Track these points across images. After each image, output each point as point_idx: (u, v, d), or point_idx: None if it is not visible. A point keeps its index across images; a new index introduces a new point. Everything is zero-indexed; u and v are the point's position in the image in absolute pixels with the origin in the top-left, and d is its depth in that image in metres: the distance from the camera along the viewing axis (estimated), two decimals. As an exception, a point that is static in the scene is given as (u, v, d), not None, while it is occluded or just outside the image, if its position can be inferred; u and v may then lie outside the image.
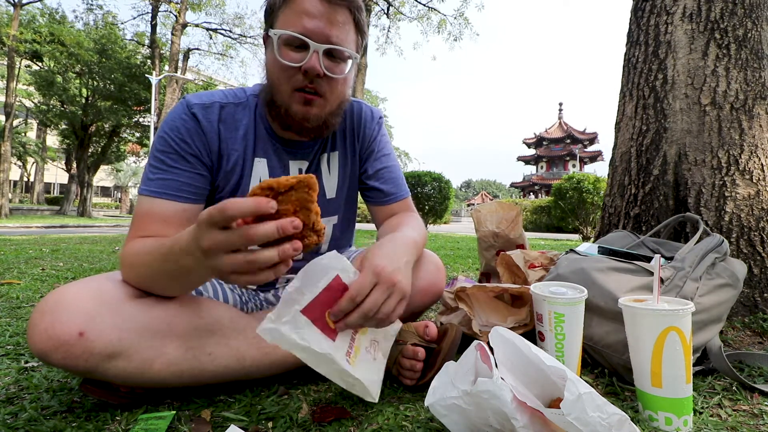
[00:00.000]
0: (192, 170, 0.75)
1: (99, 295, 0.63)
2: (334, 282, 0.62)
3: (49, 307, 0.60)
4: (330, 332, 0.61)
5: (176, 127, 0.75)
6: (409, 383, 0.80)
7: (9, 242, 4.17)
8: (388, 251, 0.68)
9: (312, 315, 0.59)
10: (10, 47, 13.77)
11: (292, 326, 0.57)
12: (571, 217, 8.14)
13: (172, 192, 0.73)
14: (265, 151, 0.82)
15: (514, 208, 1.55)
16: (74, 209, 18.71)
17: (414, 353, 0.79)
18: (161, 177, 0.74)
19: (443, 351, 0.80)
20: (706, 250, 0.92)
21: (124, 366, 0.62)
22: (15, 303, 1.50)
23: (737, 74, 1.26)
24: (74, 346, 0.58)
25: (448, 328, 0.83)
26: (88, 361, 0.60)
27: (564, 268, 1.01)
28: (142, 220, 0.72)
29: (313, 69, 0.70)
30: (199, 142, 0.76)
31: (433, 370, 0.77)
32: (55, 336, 0.58)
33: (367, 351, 0.68)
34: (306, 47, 0.70)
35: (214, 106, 0.78)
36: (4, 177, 13.98)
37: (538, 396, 0.57)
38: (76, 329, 0.58)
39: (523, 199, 25.33)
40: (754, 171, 1.22)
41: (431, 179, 9.24)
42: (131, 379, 0.65)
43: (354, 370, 0.62)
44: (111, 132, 17.92)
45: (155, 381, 0.66)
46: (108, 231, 8.58)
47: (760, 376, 0.88)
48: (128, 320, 0.63)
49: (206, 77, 21.78)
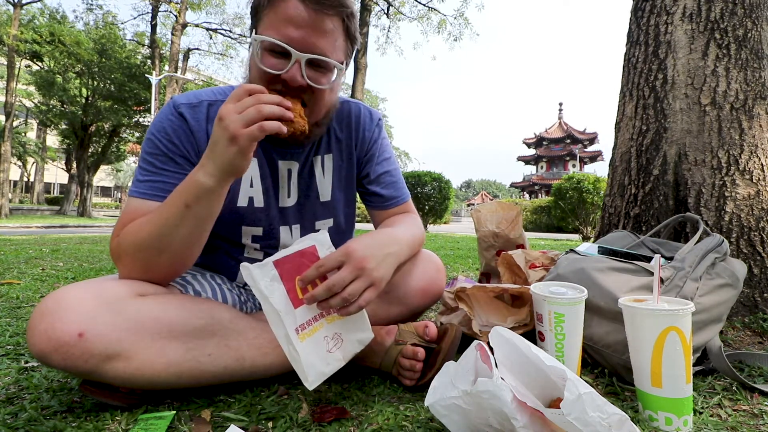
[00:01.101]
0: (181, 171, 0.75)
1: (99, 296, 0.63)
2: (308, 249, 0.68)
3: (48, 309, 0.60)
4: (296, 299, 0.65)
5: (163, 128, 0.75)
6: (408, 383, 0.79)
7: (9, 242, 4.17)
8: (368, 241, 0.69)
9: (282, 270, 0.65)
10: (10, 47, 13.77)
11: (263, 273, 0.64)
12: (571, 217, 8.14)
13: (161, 194, 0.73)
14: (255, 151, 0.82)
15: (514, 208, 1.55)
16: (74, 209, 18.71)
17: (414, 353, 0.78)
18: (150, 179, 0.74)
19: (443, 351, 0.80)
20: (706, 250, 0.92)
21: (124, 367, 0.62)
22: (15, 303, 1.50)
23: (737, 74, 1.26)
24: (74, 347, 0.58)
25: (448, 328, 0.83)
26: (87, 362, 0.60)
27: (564, 268, 1.01)
28: (131, 216, 0.72)
29: (293, 80, 0.68)
30: (187, 143, 0.76)
31: (433, 370, 0.76)
32: (55, 337, 0.58)
33: (326, 339, 0.68)
34: (288, 56, 0.68)
35: (201, 105, 0.78)
36: (4, 177, 13.98)
37: (538, 396, 0.57)
38: (75, 330, 0.58)
39: (522, 199, 25.34)
40: (754, 171, 1.22)
41: (431, 179, 9.24)
42: (131, 381, 0.65)
43: (299, 344, 0.64)
44: (111, 132, 17.92)
45: (155, 382, 0.66)
46: (108, 231, 8.58)
47: (760, 376, 0.88)
48: (128, 321, 0.63)
49: (206, 77, 21.79)
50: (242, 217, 0.81)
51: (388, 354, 0.81)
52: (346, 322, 0.71)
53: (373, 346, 0.81)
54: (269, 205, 0.83)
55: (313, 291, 0.64)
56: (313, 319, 0.67)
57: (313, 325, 0.67)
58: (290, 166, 0.84)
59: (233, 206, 0.80)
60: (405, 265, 0.86)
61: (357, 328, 0.72)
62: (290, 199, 0.85)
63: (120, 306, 0.64)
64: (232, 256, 0.88)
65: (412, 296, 0.88)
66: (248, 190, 0.81)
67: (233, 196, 0.80)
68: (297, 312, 0.65)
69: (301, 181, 0.85)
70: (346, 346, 0.70)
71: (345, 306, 0.64)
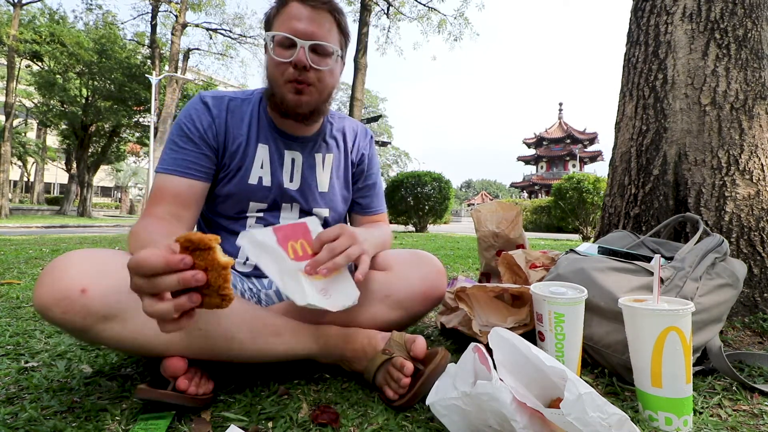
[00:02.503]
0: (198, 151, 0.88)
1: (104, 260, 0.67)
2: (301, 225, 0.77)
3: (56, 265, 0.64)
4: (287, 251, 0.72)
5: (189, 115, 0.89)
6: (391, 395, 0.74)
7: (9, 242, 4.17)
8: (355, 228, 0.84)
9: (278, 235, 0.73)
10: (10, 47, 13.76)
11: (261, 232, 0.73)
12: (571, 217, 8.15)
13: (180, 169, 0.86)
14: (266, 139, 0.94)
15: (514, 208, 1.55)
16: (74, 209, 18.72)
17: (402, 366, 0.74)
18: (173, 156, 0.87)
19: (425, 376, 0.73)
20: (706, 250, 0.92)
21: (119, 329, 0.65)
22: (15, 303, 1.51)
23: (737, 74, 1.26)
24: (75, 302, 0.62)
25: (437, 352, 0.77)
26: (85, 319, 0.63)
27: (564, 268, 1.01)
28: (155, 195, 0.85)
29: (300, 61, 0.83)
30: (207, 126, 0.89)
31: (411, 393, 0.72)
32: (59, 290, 0.61)
33: (315, 285, 0.70)
34: (294, 45, 0.83)
35: (224, 99, 0.93)
36: (4, 177, 13.99)
37: (538, 396, 0.57)
38: (79, 285, 0.62)
39: (522, 199, 25.33)
40: (754, 171, 1.22)
41: (431, 179, 9.24)
42: (124, 344, 0.67)
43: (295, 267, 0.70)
44: (111, 132, 17.92)
45: (145, 348, 0.68)
46: (108, 231, 8.59)
47: (760, 376, 0.88)
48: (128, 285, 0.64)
49: (206, 77, 21.77)
50: (251, 193, 0.93)
51: (372, 361, 0.78)
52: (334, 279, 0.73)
53: (366, 348, 0.80)
54: (275, 185, 0.94)
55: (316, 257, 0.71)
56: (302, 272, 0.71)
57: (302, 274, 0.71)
58: (294, 156, 0.97)
59: (244, 183, 0.92)
60: (404, 268, 0.87)
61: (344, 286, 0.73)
62: (293, 183, 0.97)
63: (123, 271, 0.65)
64: (232, 230, 0.94)
65: (412, 300, 0.87)
66: (259, 171, 0.93)
67: (245, 173, 0.92)
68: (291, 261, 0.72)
69: (303, 170, 0.98)
70: (335, 297, 0.71)
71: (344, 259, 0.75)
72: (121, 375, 0.86)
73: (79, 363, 0.93)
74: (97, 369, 0.90)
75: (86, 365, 0.92)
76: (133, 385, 0.81)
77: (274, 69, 0.86)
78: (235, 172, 0.91)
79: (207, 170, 0.89)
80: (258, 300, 0.93)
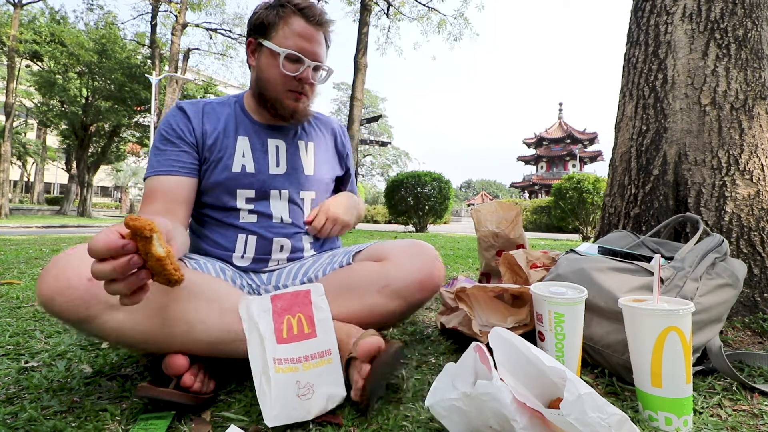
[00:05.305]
0: (178, 149, 0.94)
1: None
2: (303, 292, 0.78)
3: (60, 258, 0.65)
4: (280, 337, 0.72)
5: (167, 121, 0.97)
6: (353, 395, 0.72)
7: (9, 242, 4.17)
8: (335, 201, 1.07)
9: (275, 306, 0.74)
10: (10, 47, 13.75)
11: (259, 304, 0.74)
12: (571, 217, 8.15)
13: (165, 168, 0.92)
14: (246, 131, 1.00)
15: (514, 208, 1.55)
16: (74, 209, 18.70)
17: (358, 368, 0.71)
18: (157, 160, 0.93)
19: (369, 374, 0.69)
20: (706, 250, 0.92)
21: (124, 318, 0.66)
22: (15, 303, 1.51)
23: (737, 74, 1.26)
24: (80, 291, 0.62)
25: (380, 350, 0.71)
26: (90, 308, 0.63)
27: (564, 268, 1.01)
28: (147, 197, 0.91)
29: (306, 79, 0.96)
30: (184, 127, 0.95)
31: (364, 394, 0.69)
32: (65, 279, 0.62)
33: (298, 384, 0.68)
34: (301, 61, 0.94)
35: (199, 104, 1.01)
36: (4, 177, 13.97)
37: (538, 396, 0.57)
38: (86, 275, 0.62)
39: (522, 199, 25.33)
40: (754, 171, 1.22)
41: (431, 179, 9.24)
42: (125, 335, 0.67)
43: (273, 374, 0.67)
44: (111, 132, 17.88)
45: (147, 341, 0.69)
46: (108, 231, 8.56)
47: (760, 376, 0.88)
48: None
49: (206, 77, 21.74)
50: (236, 181, 0.97)
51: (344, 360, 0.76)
52: (322, 373, 0.70)
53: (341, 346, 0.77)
54: (260, 171, 0.99)
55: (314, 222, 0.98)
56: (292, 360, 0.70)
57: (291, 365, 0.69)
58: (278, 143, 1.03)
59: (228, 172, 0.96)
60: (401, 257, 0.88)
61: (331, 382, 0.70)
62: (279, 168, 1.01)
63: None
64: (227, 223, 0.97)
65: (410, 289, 0.87)
66: (241, 159, 0.98)
67: (227, 163, 0.96)
68: (279, 347, 0.70)
69: (288, 155, 1.04)
70: (316, 399, 0.68)
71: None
72: (121, 375, 0.86)
73: (79, 363, 0.93)
74: (97, 369, 0.90)
75: (86, 365, 0.92)
76: (133, 385, 0.81)
77: (279, 78, 0.95)
78: (216, 163, 0.96)
79: (190, 166, 0.94)
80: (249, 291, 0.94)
